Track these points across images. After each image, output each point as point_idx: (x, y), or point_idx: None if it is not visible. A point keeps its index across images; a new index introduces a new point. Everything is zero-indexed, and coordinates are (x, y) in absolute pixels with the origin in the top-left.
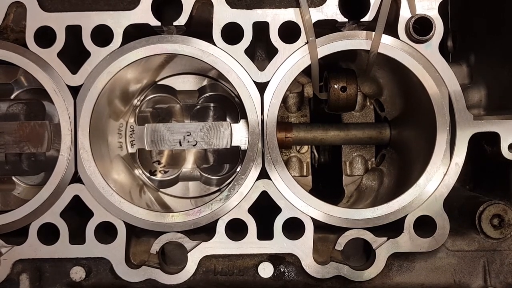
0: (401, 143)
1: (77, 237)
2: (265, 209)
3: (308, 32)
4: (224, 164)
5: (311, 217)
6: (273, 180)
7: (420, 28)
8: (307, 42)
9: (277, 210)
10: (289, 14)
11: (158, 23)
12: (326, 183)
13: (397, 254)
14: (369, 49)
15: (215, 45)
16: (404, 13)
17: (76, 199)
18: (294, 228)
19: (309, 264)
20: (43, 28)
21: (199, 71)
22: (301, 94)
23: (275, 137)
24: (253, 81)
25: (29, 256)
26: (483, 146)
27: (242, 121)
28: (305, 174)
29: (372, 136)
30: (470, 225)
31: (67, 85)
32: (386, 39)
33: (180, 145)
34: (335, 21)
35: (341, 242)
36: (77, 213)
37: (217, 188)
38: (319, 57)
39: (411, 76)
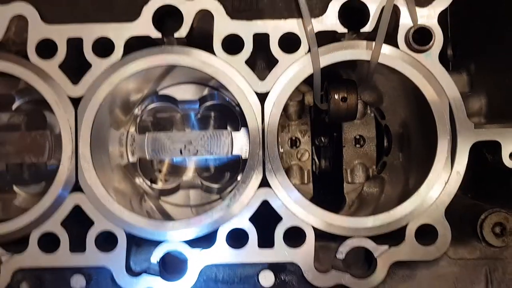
0: (402, 150)
1: (77, 246)
2: (266, 217)
3: (311, 42)
4: (225, 172)
5: (312, 226)
6: (274, 189)
7: (420, 37)
8: (307, 53)
9: (278, 218)
10: (290, 25)
11: (159, 35)
12: (327, 191)
13: (398, 263)
14: (369, 59)
15: (216, 56)
16: (404, 23)
17: (77, 209)
18: (295, 236)
19: (310, 272)
20: (44, 40)
21: (199, 80)
22: (301, 102)
23: (276, 146)
24: (254, 91)
25: (30, 264)
26: (484, 155)
27: (243, 130)
28: (306, 181)
29: None
30: (471, 233)
31: (68, 96)
32: (386, 49)
33: (181, 153)
34: (335, 31)
35: (343, 250)
36: (78, 222)
37: (218, 197)
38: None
39: (411, 85)
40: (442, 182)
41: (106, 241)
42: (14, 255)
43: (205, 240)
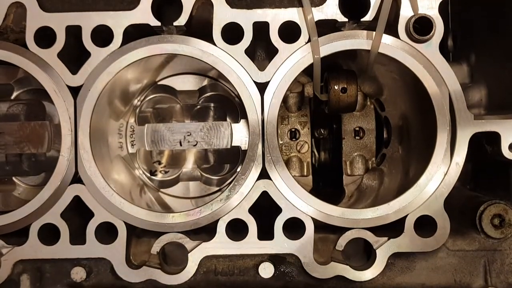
0: (401, 142)
1: (77, 238)
2: (265, 209)
3: (311, 31)
4: (225, 164)
5: (311, 217)
6: (274, 180)
7: (420, 27)
8: (307, 42)
9: (278, 210)
10: (289, 14)
11: (158, 23)
12: (326, 183)
13: (397, 254)
14: (369, 49)
15: (215, 45)
16: (405, 13)
17: (77, 200)
18: (294, 228)
19: (309, 264)
20: (43, 28)
21: (199, 71)
22: (301, 93)
23: (276, 137)
24: (253, 81)
25: (30, 256)
26: (483, 146)
27: (242, 121)
28: (305, 174)
29: None
30: (470, 225)
31: (67, 86)
32: (387, 38)
33: (181, 145)
34: (335, 21)
35: (342, 242)
36: (78, 213)
37: (218, 188)
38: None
39: (411, 75)
40: (441, 174)
41: (106, 233)
42: (15, 247)
43: (205, 232)
